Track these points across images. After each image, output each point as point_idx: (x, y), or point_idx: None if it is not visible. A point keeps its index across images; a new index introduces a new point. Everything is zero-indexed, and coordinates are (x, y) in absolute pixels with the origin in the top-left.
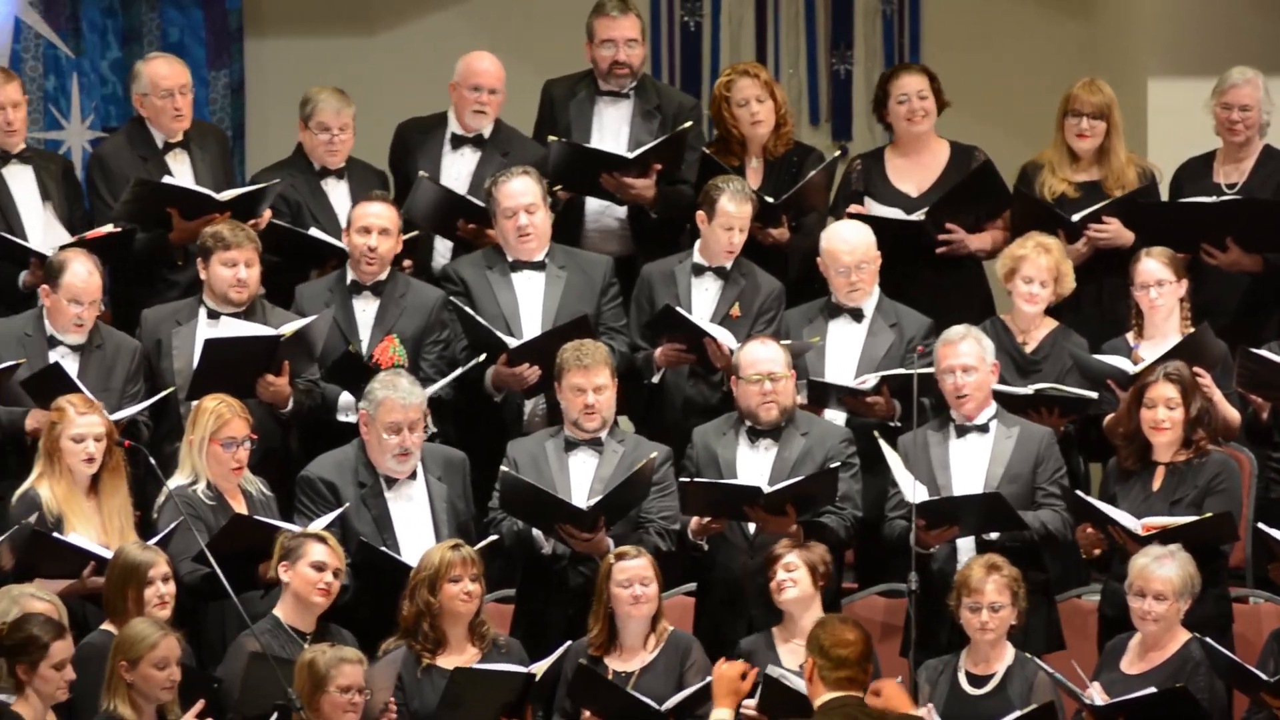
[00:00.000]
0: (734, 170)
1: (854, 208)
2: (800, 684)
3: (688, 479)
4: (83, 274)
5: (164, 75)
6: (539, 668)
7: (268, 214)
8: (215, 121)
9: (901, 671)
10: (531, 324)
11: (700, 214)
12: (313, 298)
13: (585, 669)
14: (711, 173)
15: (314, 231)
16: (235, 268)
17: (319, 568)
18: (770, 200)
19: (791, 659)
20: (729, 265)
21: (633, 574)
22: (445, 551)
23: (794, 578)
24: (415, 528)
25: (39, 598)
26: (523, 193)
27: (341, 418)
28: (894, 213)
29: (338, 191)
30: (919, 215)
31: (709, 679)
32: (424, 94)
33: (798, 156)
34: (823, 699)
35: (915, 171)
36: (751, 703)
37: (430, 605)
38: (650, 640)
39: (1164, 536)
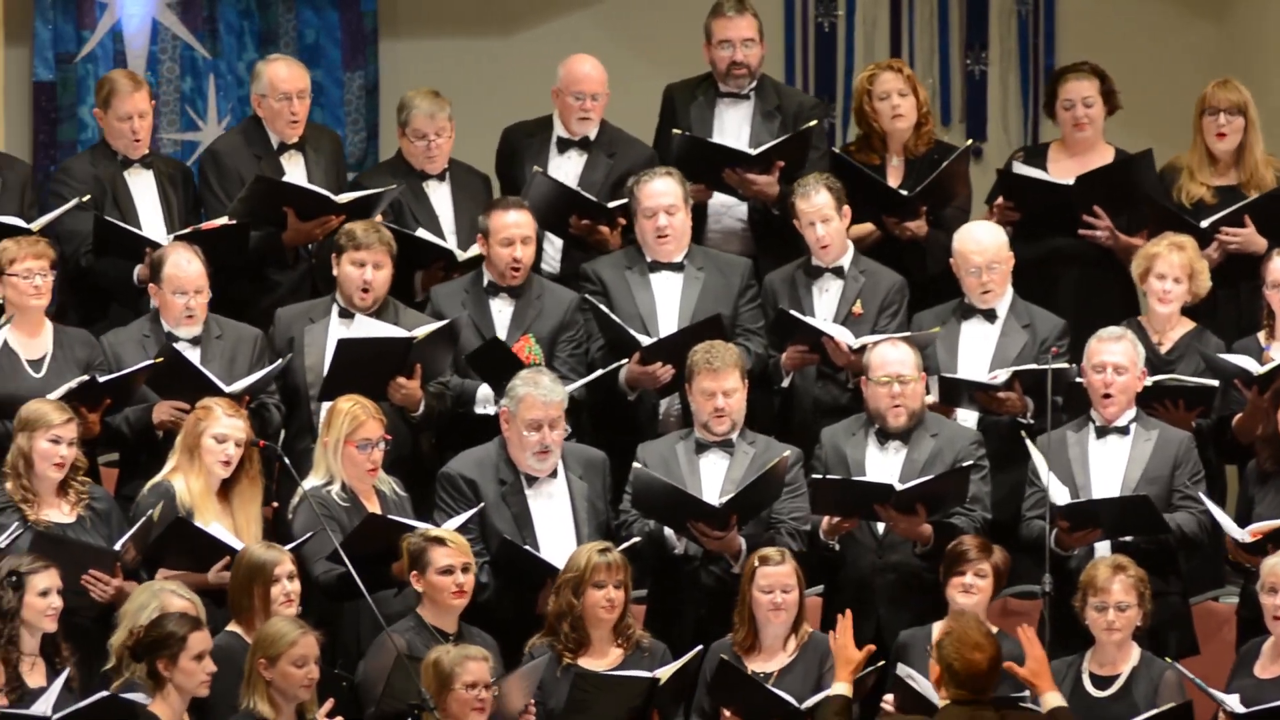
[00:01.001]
0: (874, 168)
1: (1018, 166)
2: (925, 685)
3: (819, 477)
4: (182, 264)
5: (283, 79)
6: (664, 673)
7: (378, 218)
8: (349, 123)
9: None
10: (668, 325)
11: (795, 220)
12: (448, 298)
13: (727, 665)
14: (842, 173)
15: (421, 232)
16: (363, 268)
17: (448, 571)
18: (905, 193)
19: None
20: (846, 265)
21: (774, 580)
22: (592, 555)
23: (981, 585)
24: (555, 526)
25: (179, 594)
26: (663, 193)
27: (480, 410)
28: (1042, 175)
29: (439, 193)
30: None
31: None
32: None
33: (938, 154)
34: (945, 706)
35: (1074, 170)
36: (888, 698)
37: (573, 607)
38: (790, 642)
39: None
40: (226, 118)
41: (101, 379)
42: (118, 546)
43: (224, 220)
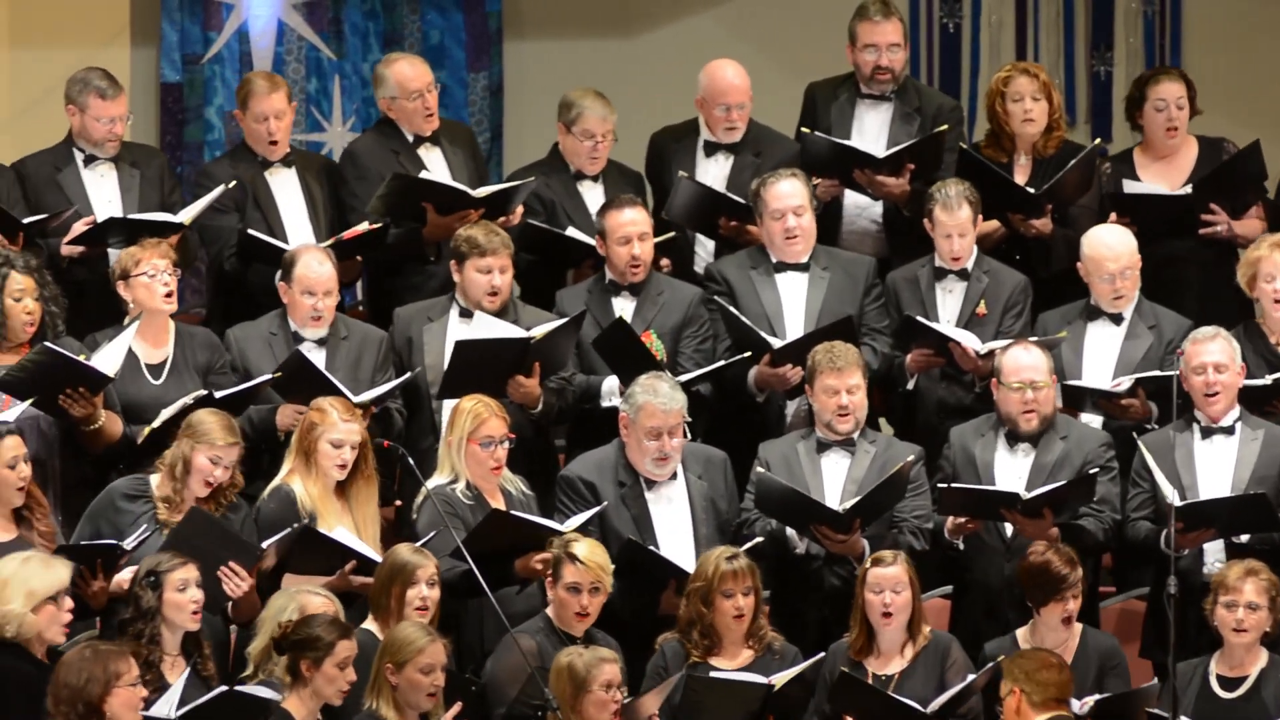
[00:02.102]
0: (1001, 167)
1: (1128, 184)
2: None
3: (946, 483)
4: (313, 265)
5: (410, 77)
6: (779, 679)
7: (519, 211)
8: (474, 123)
9: (1145, 675)
10: (794, 324)
11: (926, 222)
12: (573, 300)
13: (847, 676)
14: (969, 169)
15: (571, 231)
16: (490, 274)
17: (574, 590)
18: (1031, 191)
19: None
20: (970, 266)
21: (884, 581)
22: (720, 563)
23: (1074, 608)
24: (675, 528)
25: (318, 595)
26: (790, 194)
27: (606, 404)
28: (1159, 188)
29: (593, 194)
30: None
31: (971, 678)
32: (682, 97)
33: (1066, 154)
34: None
35: (1166, 171)
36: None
37: (703, 616)
38: (908, 644)
39: None
40: (351, 118)
41: (218, 394)
42: (265, 545)
43: (365, 226)
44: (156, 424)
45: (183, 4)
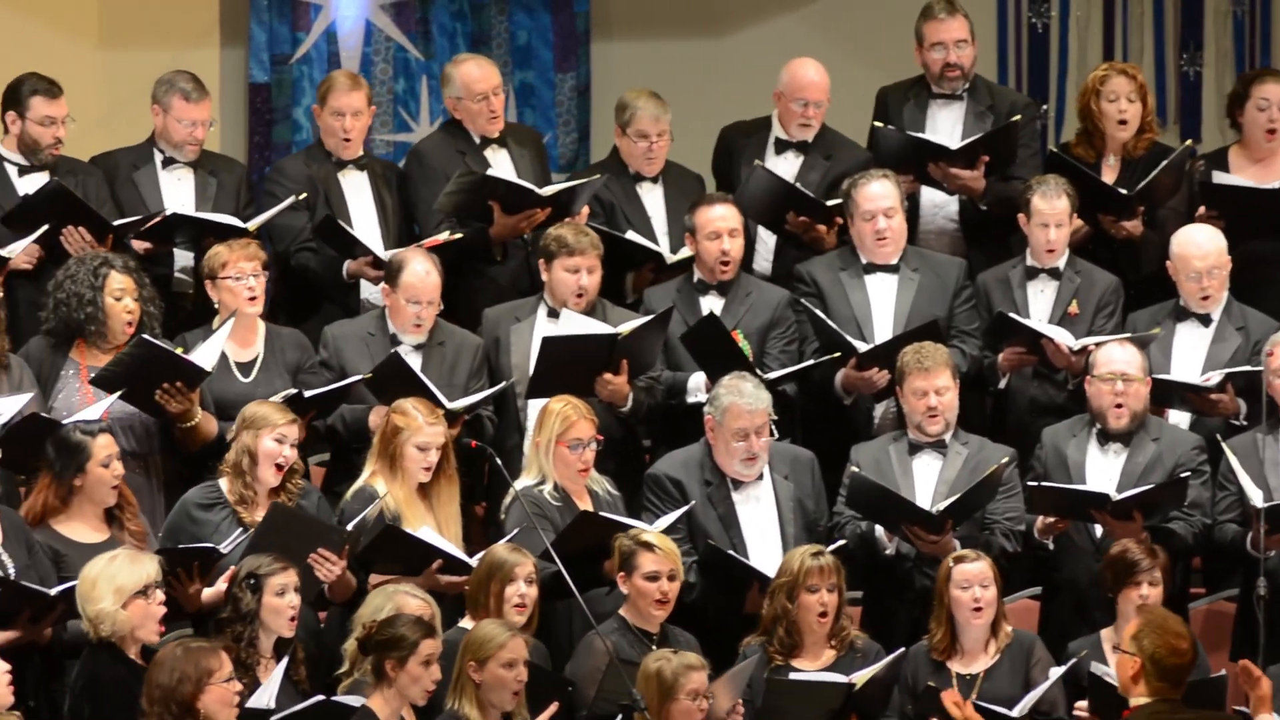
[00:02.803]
0: (1090, 167)
1: (1218, 175)
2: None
3: (1036, 482)
4: (421, 273)
5: (476, 79)
6: (860, 678)
7: (585, 211)
8: (560, 124)
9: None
10: (883, 326)
11: (1021, 215)
12: (661, 299)
13: (931, 689)
14: (1062, 170)
15: (631, 234)
16: (577, 274)
17: (653, 578)
18: (1124, 192)
19: None
20: (1061, 265)
21: (972, 577)
22: (805, 559)
23: (1154, 594)
24: (762, 527)
25: (414, 596)
26: (882, 196)
27: (692, 399)
28: (1248, 182)
29: (652, 195)
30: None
31: (1055, 675)
32: (766, 97)
33: (1156, 155)
34: (1140, 701)
35: (1262, 173)
36: (1081, 705)
37: (787, 612)
38: (992, 644)
39: None
40: (438, 119)
41: (308, 394)
42: (349, 527)
43: (445, 235)
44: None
45: (271, 5)
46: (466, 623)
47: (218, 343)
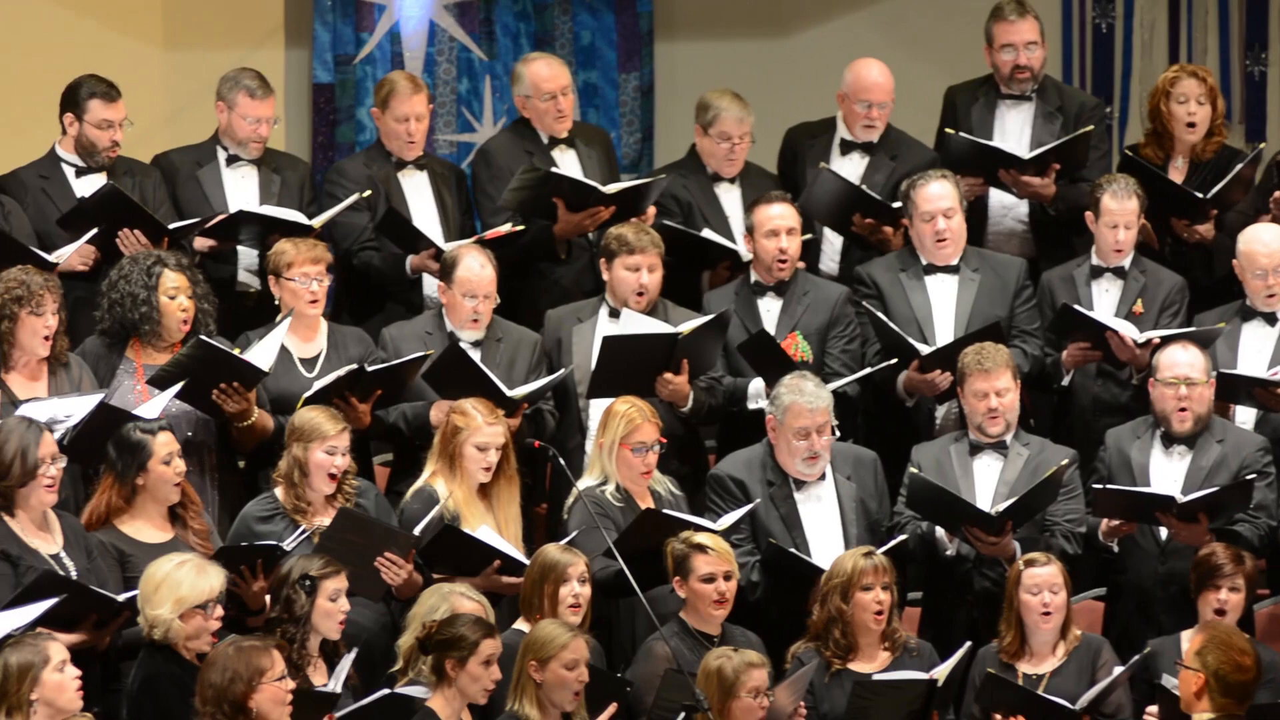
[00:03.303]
0: (1157, 168)
1: None
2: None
3: (1101, 485)
4: (475, 268)
5: (545, 78)
6: (940, 672)
7: (652, 210)
8: (624, 124)
9: None
10: (944, 327)
11: (1089, 214)
12: (720, 300)
13: (993, 677)
14: (1133, 172)
15: (706, 233)
16: (638, 273)
17: (709, 579)
18: (1200, 195)
19: None
20: (1126, 265)
21: (1042, 581)
22: (857, 559)
23: (1235, 599)
24: (824, 528)
25: (468, 597)
26: (941, 196)
27: (753, 405)
28: None
29: (730, 196)
30: None
31: (1119, 671)
32: (832, 98)
33: (1224, 158)
34: (1204, 717)
35: None
36: (1151, 709)
37: (842, 613)
38: (1060, 646)
39: None
40: (502, 119)
41: (370, 368)
42: (417, 531)
43: (507, 228)
44: (309, 394)
45: (335, 5)
46: (521, 624)
47: (274, 342)
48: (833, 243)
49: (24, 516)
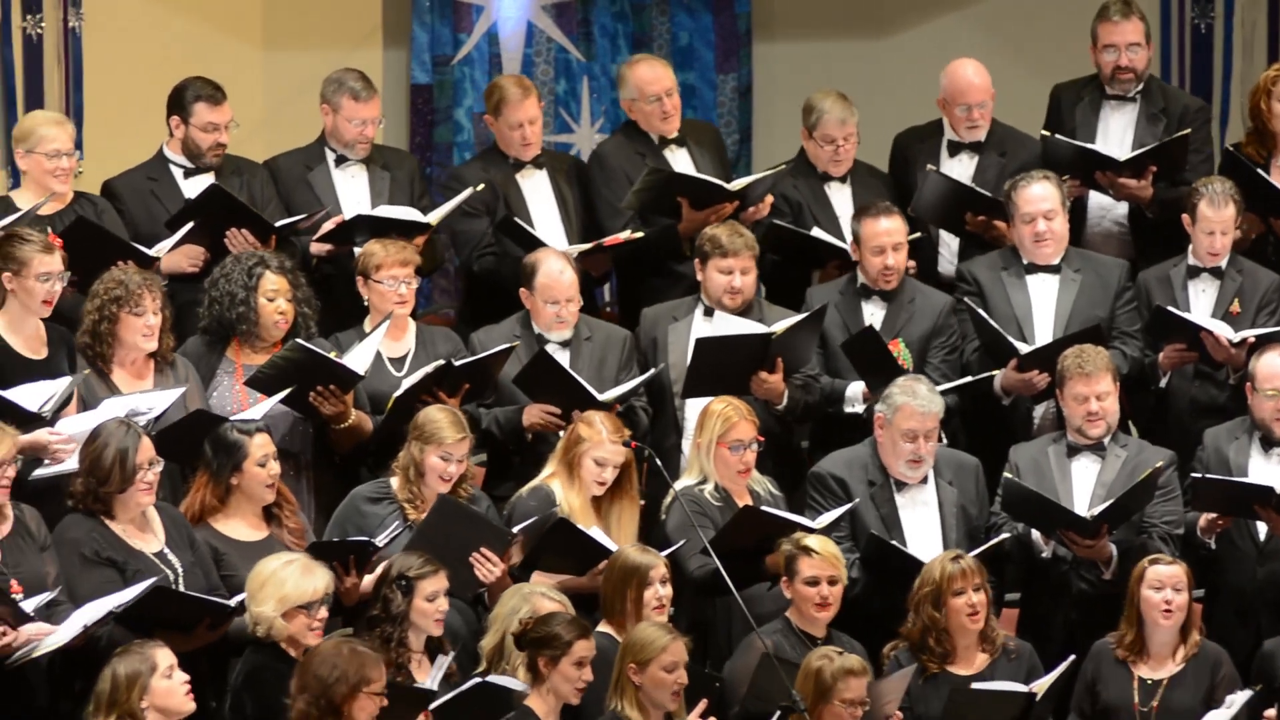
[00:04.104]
0: (1259, 166)
1: None
2: None
3: (1199, 474)
4: (555, 272)
5: (649, 80)
6: (1040, 685)
7: (768, 200)
8: (722, 125)
9: None
10: (1044, 327)
11: (1185, 217)
12: (823, 298)
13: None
14: (1237, 170)
15: (816, 232)
16: (730, 275)
17: (813, 583)
18: None
19: None
20: (1224, 265)
21: (1165, 579)
22: (946, 564)
23: None
24: (923, 531)
25: (549, 597)
26: (1042, 198)
27: (849, 409)
28: None
29: (840, 195)
30: None
31: (1239, 702)
32: (932, 98)
33: None
34: None
35: None
36: (1269, 713)
37: (935, 620)
38: (1180, 650)
39: None
40: (600, 120)
41: (457, 362)
42: (516, 530)
43: (626, 235)
44: (399, 393)
45: (433, 6)
46: (604, 627)
47: (372, 346)
48: (949, 244)
49: (124, 515)
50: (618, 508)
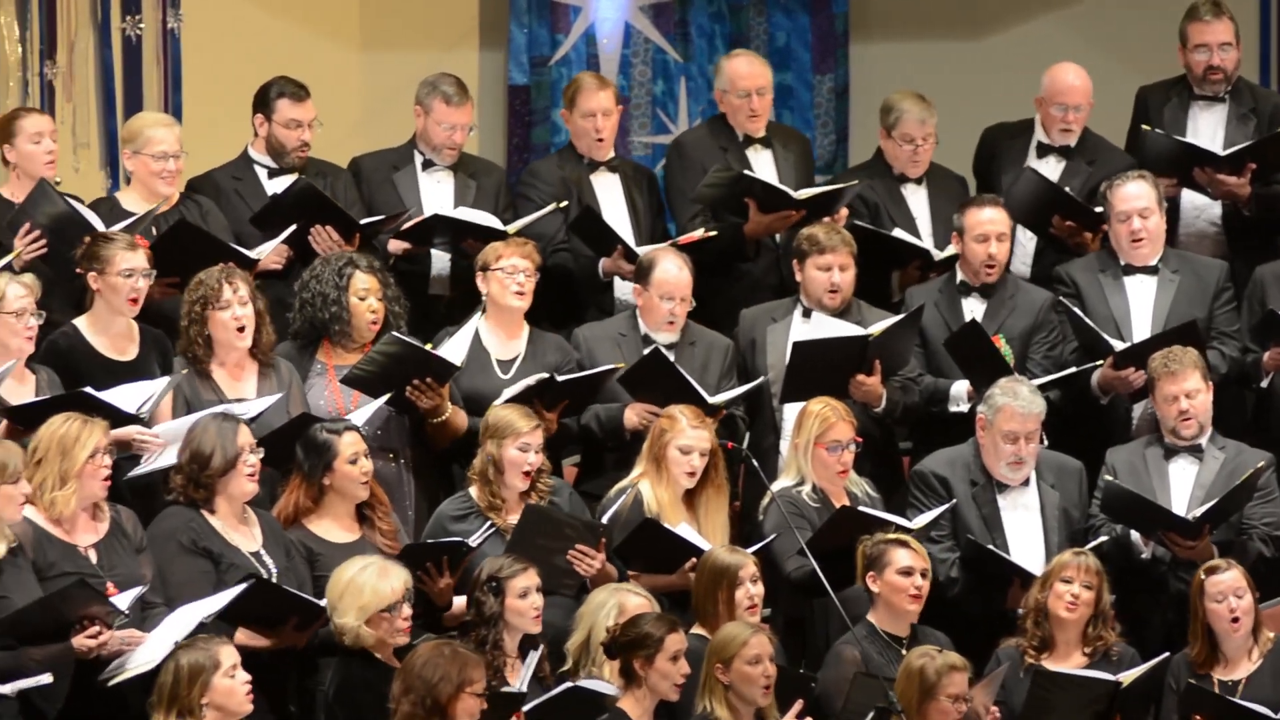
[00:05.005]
0: None
1: None
2: None
3: None
4: (673, 270)
5: (742, 75)
6: (1127, 677)
7: (844, 213)
8: (819, 126)
9: None
10: (1142, 328)
11: None
12: (919, 297)
13: (1194, 687)
14: None
15: (897, 232)
16: (829, 272)
17: (907, 573)
18: None
19: None
20: None
21: (1226, 587)
22: (1066, 555)
23: None
24: (1025, 532)
25: (637, 594)
26: (1137, 196)
27: (954, 408)
28: None
29: (916, 196)
30: None
31: None
32: (1026, 99)
33: None
34: None
35: None
36: None
37: (1039, 604)
38: (1254, 649)
39: None
40: (697, 120)
41: (560, 378)
42: (605, 520)
43: (700, 233)
44: (499, 403)
45: (531, 7)
46: (697, 629)
47: (465, 338)
48: (1025, 245)
49: (225, 510)
50: (704, 498)
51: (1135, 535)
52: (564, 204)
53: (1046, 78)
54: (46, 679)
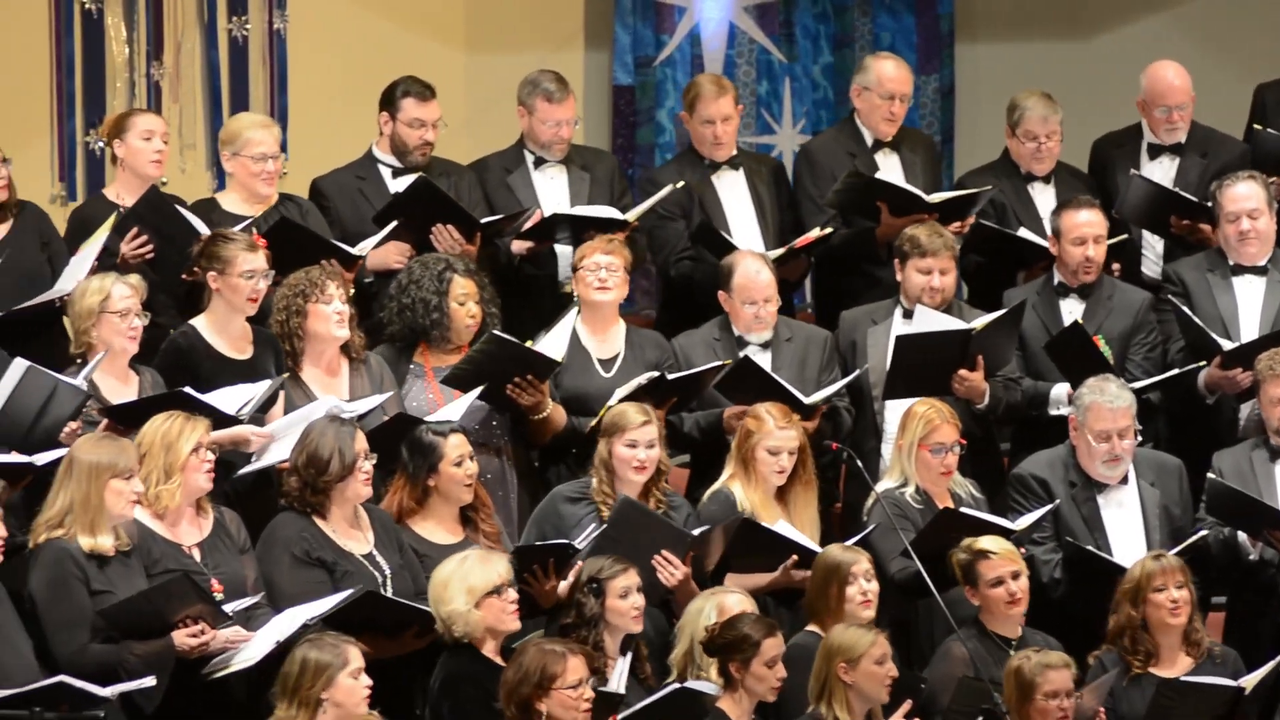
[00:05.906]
0: None
1: None
2: None
3: None
4: (751, 273)
5: (891, 77)
6: (1249, 681)
7: (969, 220)
8: (924, 126)
9: None
10: (1249, 328)
11: None
12: (1018, 296)
13: None
14: None
15: (1022, 232)
16: (929, 275)
17: (998, 583)
18: None
19: None
20: None
21: None
22: (1146, 563)
23: None
24: (1126, 532)
25: (734, 593)
26: (1246, 197)
27: (1054, 411)
28: None
29: (1044, 196)
30: None
31: None
32: (1134, 99)
33: None
34: None
35: None
36: None
37: (1131, 619)
38: None
39: None
40: (801, 121)
41: (670, 376)
42: (696, 532)
43: (816, 233)
44: (612, 403)
45: (635, 7)
46: (812, 627)
47: (563, 334)
48: (1153, 246)
49: (337, 514)
50: (793, 494)
51: (1243, 536)
52: (680, 184)
53: (1146, 80)
54: (149, 682)
